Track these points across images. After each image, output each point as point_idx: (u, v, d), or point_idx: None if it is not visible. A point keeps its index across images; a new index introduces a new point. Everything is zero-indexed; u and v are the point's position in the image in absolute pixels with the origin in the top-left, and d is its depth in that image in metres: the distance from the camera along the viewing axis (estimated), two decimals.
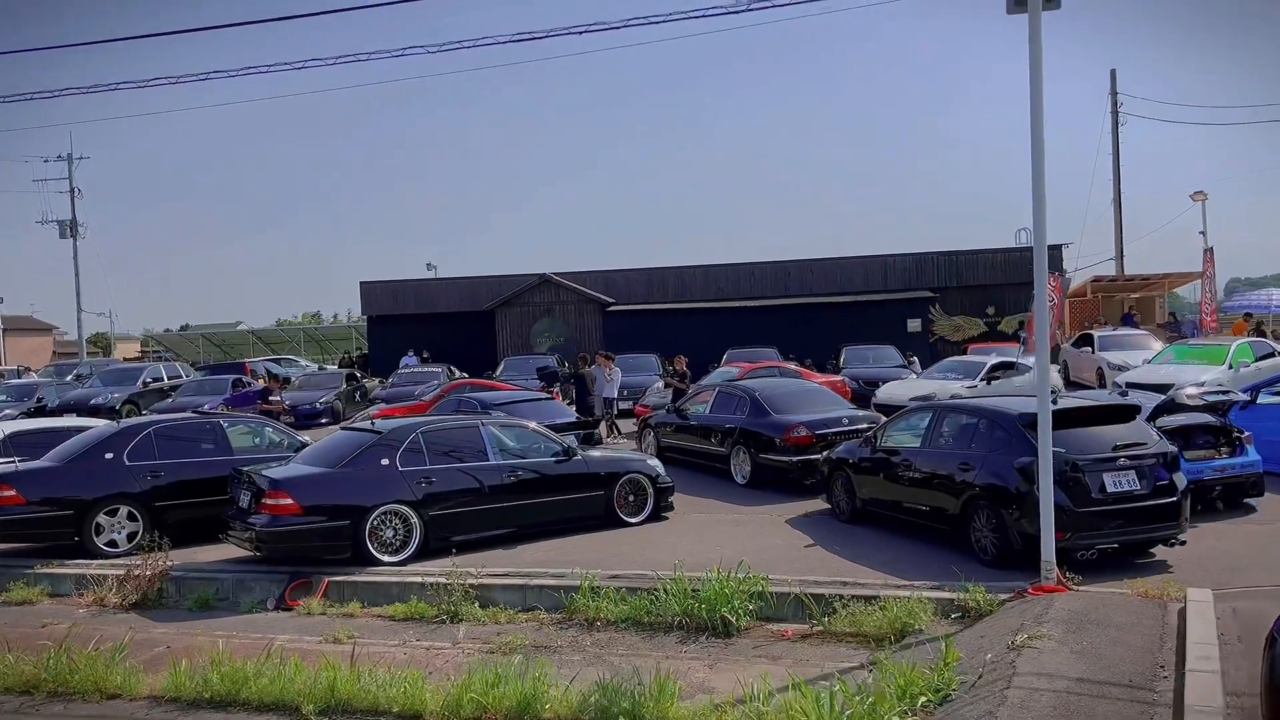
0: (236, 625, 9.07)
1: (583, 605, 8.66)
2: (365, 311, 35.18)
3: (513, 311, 32.03)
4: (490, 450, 11.08)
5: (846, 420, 13.85)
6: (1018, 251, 32.77)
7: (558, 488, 11.37)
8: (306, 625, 8.96)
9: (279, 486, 9.83)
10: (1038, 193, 8.16)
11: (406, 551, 10.26)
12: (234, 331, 68.59)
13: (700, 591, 8.32)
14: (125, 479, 11.45)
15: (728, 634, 8.01)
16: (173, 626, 9.06)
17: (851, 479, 11.30)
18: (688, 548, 10.44)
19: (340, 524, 9.96)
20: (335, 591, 9.73)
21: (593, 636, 8.19)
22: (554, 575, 9.44)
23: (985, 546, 9.14)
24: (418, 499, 10.35)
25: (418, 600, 9.18)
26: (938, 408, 10.59)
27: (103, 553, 11.22)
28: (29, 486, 11.08)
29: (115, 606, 9.84)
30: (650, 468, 12.19)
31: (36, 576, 10.76)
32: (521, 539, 11.05)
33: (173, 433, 12.05)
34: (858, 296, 31.67)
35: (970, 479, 9.33)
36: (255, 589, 10.01)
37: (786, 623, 8.33)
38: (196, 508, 11.71)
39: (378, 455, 10.42)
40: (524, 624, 8.69)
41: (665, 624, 8.26)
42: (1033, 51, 8.15)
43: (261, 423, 13.28)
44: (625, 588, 8.80)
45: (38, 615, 9.74)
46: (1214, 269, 24.59)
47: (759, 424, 13.96)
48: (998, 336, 31.41)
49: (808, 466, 13.23)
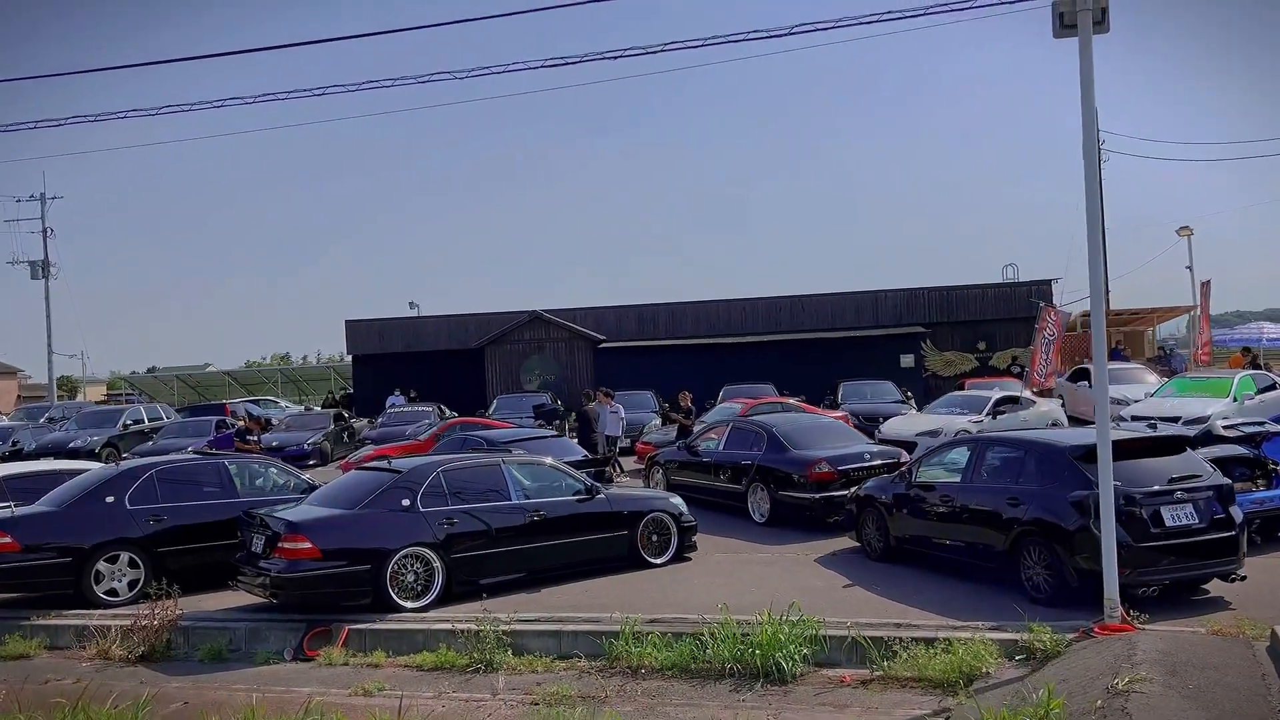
0: (255, 678, 8.55)
1: (625, 652, 8.24)
2: (350, 350, 34.66)
3: (502, 349, 31.63)
4: (512, 489, 10.66)
5: (869, 455, 13.55)
6: (1008, 287, 32.89)
7: (581, 528, 10.96)
8: (330, 677, 8.47)
9: (297, 530, 9.36)
10: (1092, 213, 7.96)
11: (429, 597, 9.79)
12: (208, 373, 67.58)
13: (749, 636, 7.94)
14: (126, 524, 10.90)
15: (783, 681, 7.61)
16: (187, 680, 8.54)
17: (884, 516, 10.97)
18: (721, 590, 10.03)
19: (361, 569, 9.49)
20: (356, 640, 9.23)
21: (640, 685, 7.76)
22: (588, 620, 9.01)
23: (1038, 584, 8.82)
24: (440, 541, 9.90)
25: (447, 648, 8.72)
26: (978, 441, 10.32)
27: (103, 602, 10.65)
28: (25, 532, 10.52)
29: (121, 660, 9.29)
30: (673, 506, 11.81)
31: (33, 628, 10.16)
32: (544, 581, 10.61)
33: (176, 475, 11.52)
34: (850, 332, 31.56)
35: (1019, 514, 9.03)
36: (270, 638, 9.49)
37: (841, 668, 7.94)
38: (202, 553, 11.18)
39: (398, 496, 9.98)
40: (563, 672, 8.25)
41: (715, 671, 7.85)
42: (1084, 73, 7.99)
43: (266, 463, 12.78)
44: (669, 633, 8.38)
45: (38, 670, 9.16)
46: (1209, 302, 24.63)
47: (778, 460, 13.62)
48: (989, 371, 31.37)
49: (830, 503, 12.90)
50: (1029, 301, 32.27)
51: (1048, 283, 32.56)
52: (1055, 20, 8.12)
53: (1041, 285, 32.41)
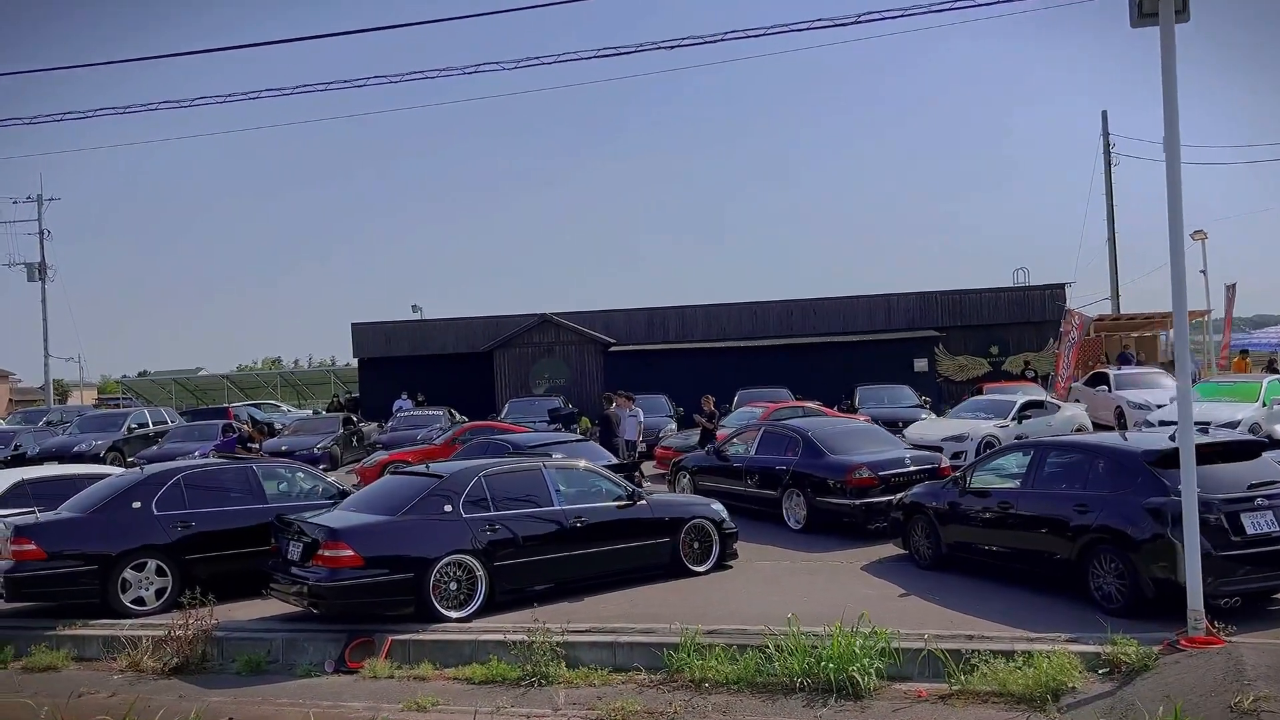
0: (298, 692, 8.20)
1: (685, 664, 7.91)
2: (355, 353, 34.28)
3: (511, 352, 31.30)
4: (554, 495, 10.33)
5: (909, 460, 13.25)
6: (1021, 291, 32.67)
7: (623, 534, 10.63)
8: (377, 690, 8.12)
9: (338, 537, 9.01)
10: (1174, 210, 7.67)
11: (472, 606, 9.45)
12: (206, 377, 67.05)
13: (818, 649, 7.62)
14: (154, 530, 10.54)
15: (857, 696, 7.28)
16: (228, 694, 8.18)
17: (935, 523, 10.66)
18: (771, 599, 9.73)
19: (404, 577, 9.15)
20: (399, 652, 8.88)
21: (708, 700, 7.43)
22: (643, 631, 8.68)
23: (1109, 594, 8.51)
24: (482, 548, 9.56)
25: (497, 660, 8.38)
26: (1038, 446, 10.00)
27: (130, 611, 10.28)
28: (50, 539, 10.15)
29: (154, 672, 8.92)
30: (715, 512, 11.49)
31: (59, 639, 9.79)
32: (587, 590, 10.28)
33: (203, 480, 11.16)
34: (862, 336, 31.31)
35: (1088, 522, 8.73)
36: (309, 650, 9.14)
37: (913, 681, 7.62)
38: (230, 560, 10.82)
39: (440, 501, 9.64)
40: (621, 686, 7.91)
41: (783, 685, 7.51)
42: (1166, 65, 7.70)
43: (294, 468, 12.43)
44: (732, 645, 8.06)
45: (68, 682, 8.80)
46: (1234, 306, 24.41)
47: (815, 465, 13.31)
48: (1002, 376, 31.13)
49: (871, 510, 12.61)
50: (1044, 305, 32.09)
51: (1061, 287, 32.34)
52: (1133, 9, 7.83)
53: (1055, 289, 32.19)
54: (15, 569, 10.01)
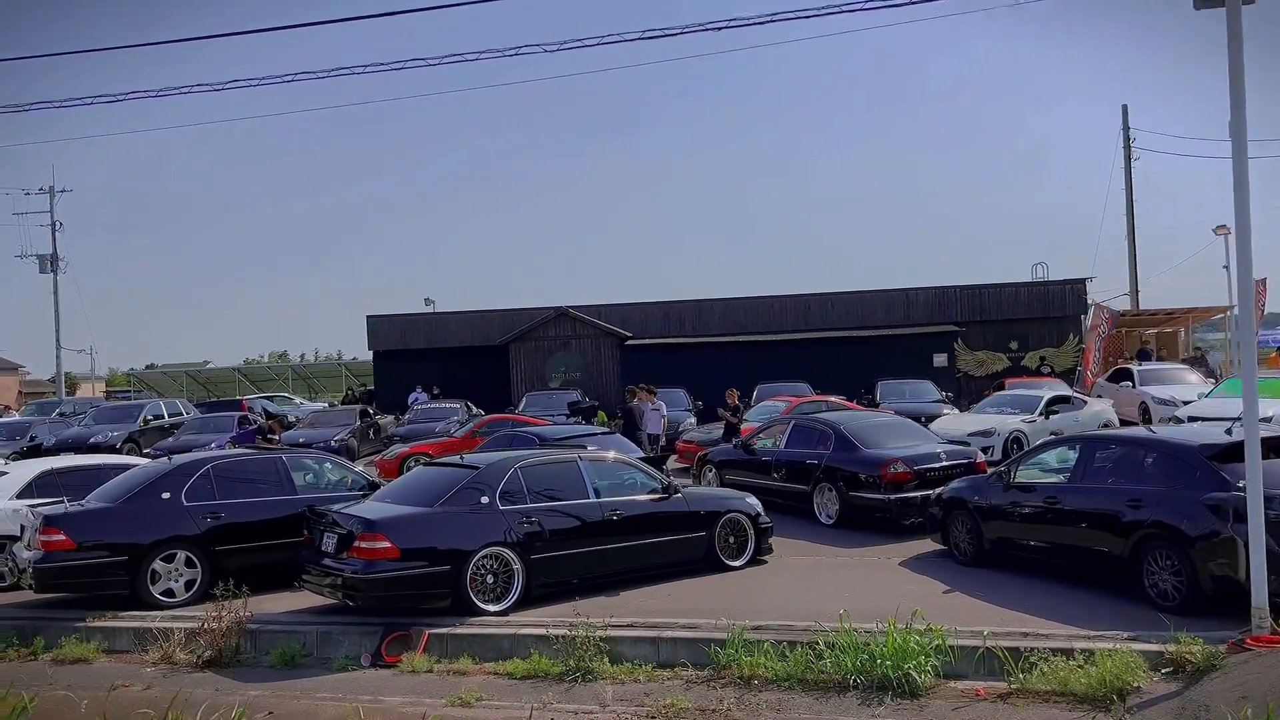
0: (337, 686, 8.04)
1: (732, 660, 7.73)
2: (371, 346, 34.13)
3: (527, 345, 31.12)
4: (590, 487, 10.16)
5: (943, 455, 13.04)
6: (1041, 286, 32.40)
7: (659, 528, 10.46)
8: (418, 685, 7.96)
9: (375, 528, 8.85)
10: (1240, 202, 7.46)
11: (508, 600, 9.29)
12: (218, 369, 67.05)
13: (869, 646, 7.44)
14: (183, 521, 10.39)
15: (914, 694, 7.09)
16: (265, 688, 8.02)
17: (976, 518, 10.45)
18: (811, 595, 9.55)
19: (441, 569, 8.98)
20: (436, 645, 8.72)
21: (758, 697, 7.25)
22: (686, 626, 8.50)
23: (1165, 591, 8.30)
24: (518, 540, 9.40)
25: (539, 655, 8.21)
26: (1086, 440, 9.80)
27: (159, 603, 10.14)
28: (79, 530, 10.01)
29: (187, 665, 8.77)
30: (750, 506, 11.30)
31: (88, 631, 9.65)
32: (622, 584, 10.11)
33: (233, 470, 11.01)
34: (881, 330, 31.08)
35: (1142, 517, 8.52)
36: (343, 643, 8.98)
37: (967, 679, 7.43)
38: (260, 552, 10.68)
39: (476, 493, 9.47)
40: (667, 682, 7.74)
41: (835, 683, 7.33)
42: (1232, 50, 7.48)
43: (321, 459, 12.27)
44: (781, 641, 7.88)
45: (100, 676, 8.65)
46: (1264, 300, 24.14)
47: (848, 460, 13.11)
48: (1021, 371, 30.89)
49: (906, 505, 12.41)
50: (1065, 300, 31.82)
51: (1082, 281, 32.07)
52: None
53: (1076, 284, 31.92)
54: (45, 559, 9.87)
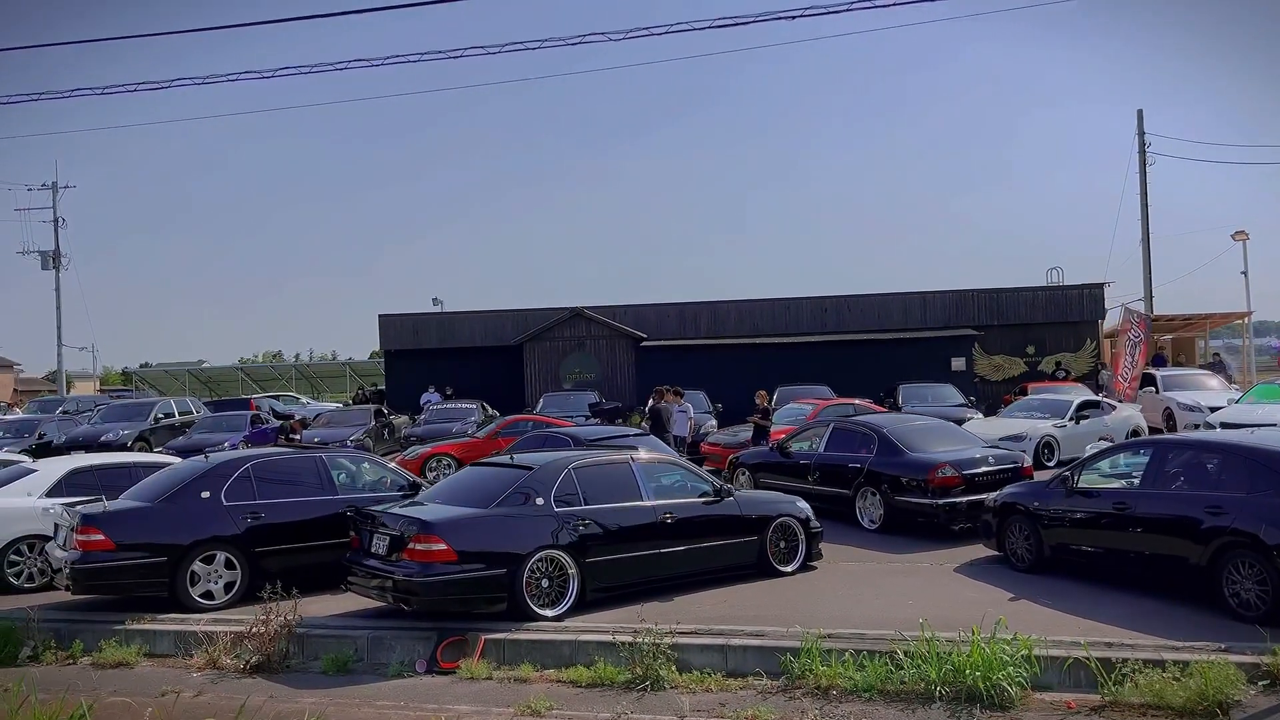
0: (395, 693, 7.77)
1: (807, 670, 7.47)
2: (383, 345, 33.82)
3: (542, 346, 30.84)
4: (643, 489, 9.89)
5: (991, 459, 12.80)
6: (1059, 290, 32.17)
7: (712, 531, 10.20)
8: (481, 693, 7.68)
9: (432, 530, 8.57)
10: None
11: (564, 604, 9.02)
12: (220, 368, 66.73)
13: (951, 655, 7.19)
14: (223, 521, 10.12)
15: (1003, 706, 6.82)
16: (323, 695, 7.74)
17: (1035, 524, 10.20)
18: (873, 602, 9.30)
19: (497, 573, 8.71)
20: (492, 651, 8.45)
21: (839, 709, 6.98)
22: (753, 634, 8.23)
23: (1248, 601, 8.04)
24: (573, 543, 9.13)
25: (604, 662, 7.94)
26: (1158, 445, 9.55)
27: (198, 606, 9.86)
28: (119, 530, 9.72)
29: (234, 670, 8.49)
30: (800, 510, 11.05)
31: (127, 634, 9.36)
32: (675, 589, 9.85)
33: (273, 469, 10.73)
34: (899, 334, 30.84)
35: (1223, 524, 8.26)
36: (395, 648, 8.70)
37: (1052, 691, 7.18)
38: (301, 553, 10.42)
39: (530, 494, 9.21)
40: (741, 692, 7.47)
41: (918, 694, 7.07)
42: None
43: (360, 458, 12.00)
44: (858, 650, 7.62)
45: (145, 681, 8.37)
46: None
47: (893, 464, 12.86)
48: (1038, 376, 30.67)
49: (953, 510, 12.18)
50: (1082, 305, 31.60)
51: (1099, 286, 31.86)
52: None
53: (1093, 289, 31.71)
54: (83, 559, 9.58)
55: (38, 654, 9.19)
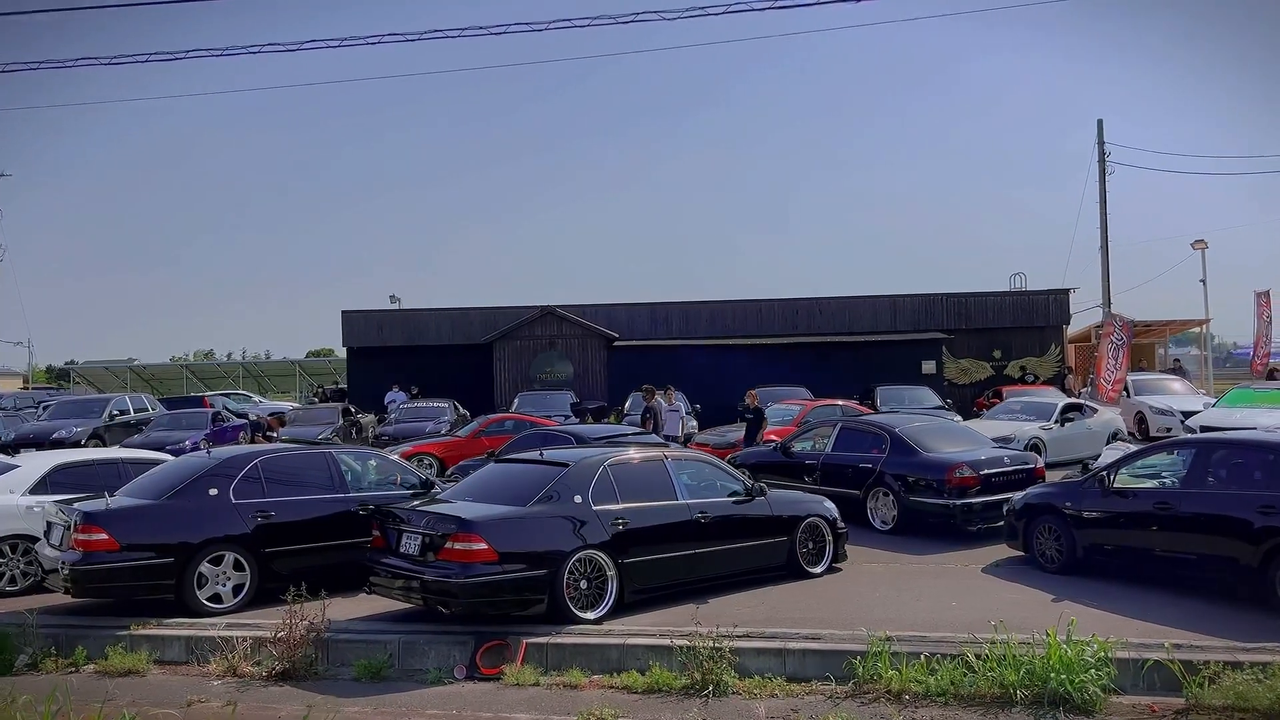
0: (442, 701, 7.35)
1: (874, 674, 7.22)
2: (346, 343, 32.96)
3: (512, 345, 30.30)
4: (678, 487, 9.58)
5: (1007, 460, 12.71)
6: (1025, 295, 32.53)
7: (745, 532, 9.93)
8: (531, 700, 7.30)
9: (473, 529, 8.15)
10: None
11: (602, 606, 8.67)
12: (164, 366, 65.01)
13: (1020, 658, 7.00)
14: (232, 520, 9.57)
15: (1086, 710, 6.65)
16: (366, 705, 7.28)
17: (1067, 525, 10.09)
18: (915, 604, 9.10)
19: (537, 574, 8.32)
20: (534, 655, 8.06)
21: (920, 714, 6.74)
22: (809, 637, 7.96)
23: None
24: (612, 543, 8.78)
25: (658, 666, 7.61)
26: (1199, 444, 9.49)
27: (206, 610, 9.31)
28: (123, 528, 9.13)
29: (258, 678, 7.99)
30: (827, 510, 10.82)
31: (133, 640, 8.78)
32: (709, 591, 9.56)
33: (282, 465, 10.19)
34: (869, 336, 30.89)
35: (1275, 524, 8.20)
36: (429, 653, 8.27)
37: (1127, 694, 7.02)
38: (312, 554, 9.91)
39: (568, 492, 8.83)
40: (807, 697, 7.20)
41: (995, 698, 6.87)
42: None
43: (366, 454, 11.49)
44: (922, 653, 7.39)
45: (161, 690, 7.83)
46: (1268, 312, 24.41)
47: (907, 464, 12.70)
48: (1004, 380, 30.97)
49: (969, 511, 12.05)
50: (1048, 310, 31.99)
51: (1065, 292, 32.28)
52: None
53: (1059, 294, 32.12)
54: (85, 560, 8.98)
55: (36, 662, 8.58)
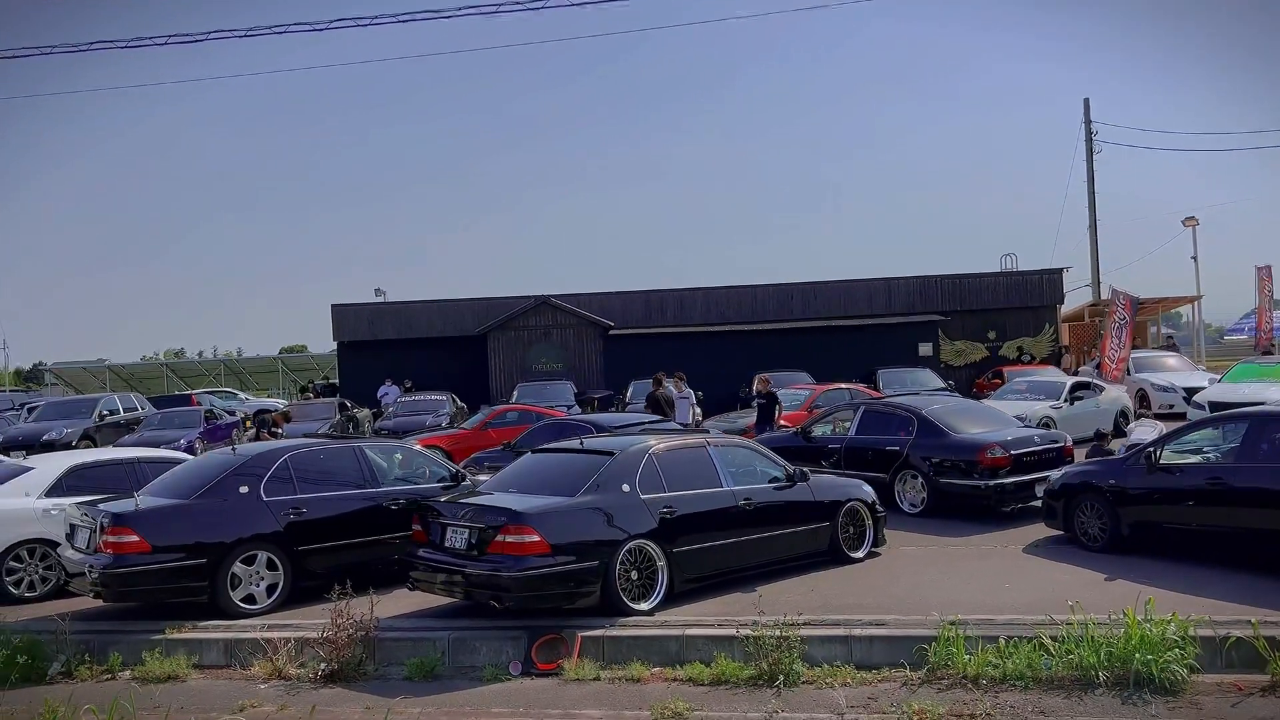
0: (505, 699, 7.12)
1: (948, 659, 7.07)
2: (337, 337, 32.50)
3: (507, 335, 30.00)
4: (722, 474, 9.39)
5: (1038, 439, 12.61)
6: (1019, 275, 32.54)
7: (789, 517, 9.76)
8: (599, 695, 7.09)
9: (524, 521, 7.92)
10: None
11: (654, 597, 8.47)
12: (144, 365, 64.27)
13: (1094, 639, 6.88)
14: (264, 518, 9.29)
15: (1171, 690, 6.52)
16: (428, 705, 7.04)
17: (1111, 503, 9.99)
18: (963, 586, 8.96)
19: (590, 565, 8.11)
20: (590, 649, 7.84)
21: (1002, 698, 6.58)
22: (873, 624, 7.80)
23: None
24: (662, 532, 8.58)
25: (724, 657, 7.42)
26: (1252, 419, 9.37)
27: (240, 611, 9.02)
28: (154, 529, 8.82)
29: (306, 680, 7.72)
30: (867, 494, 10.67)
31: (169, 644, 8.49)
32: (754, 580, 9.37)
33: (312, 461, 9.91)
34: (864, 320, 30.82)
35: None
36: (480, 649, 8.03)
37: (1205, 672, 6.89)
38: (345, 551, 9.66)
39: (615, 481, 8.62)
40: (881, 685, 7.03)
41: (1077, 680, 6.72)
42: None
43: (391, 447, 11.21)
44: (991, 636, 7.26)
45: (206, 695, 7.56)
46: (1269, 287, 24.50)
47: (936, 445, 12.57)
48: (999, 361, 30.99)
49: (1002, 491, 11.94)
50: (1042, 290, 32.04)
51: (1059, 271, 32.34)
52: None
53: (1053, 273, 32.18)
54: (115, 563, 8.66)
55: (70, 669, 8.27)
